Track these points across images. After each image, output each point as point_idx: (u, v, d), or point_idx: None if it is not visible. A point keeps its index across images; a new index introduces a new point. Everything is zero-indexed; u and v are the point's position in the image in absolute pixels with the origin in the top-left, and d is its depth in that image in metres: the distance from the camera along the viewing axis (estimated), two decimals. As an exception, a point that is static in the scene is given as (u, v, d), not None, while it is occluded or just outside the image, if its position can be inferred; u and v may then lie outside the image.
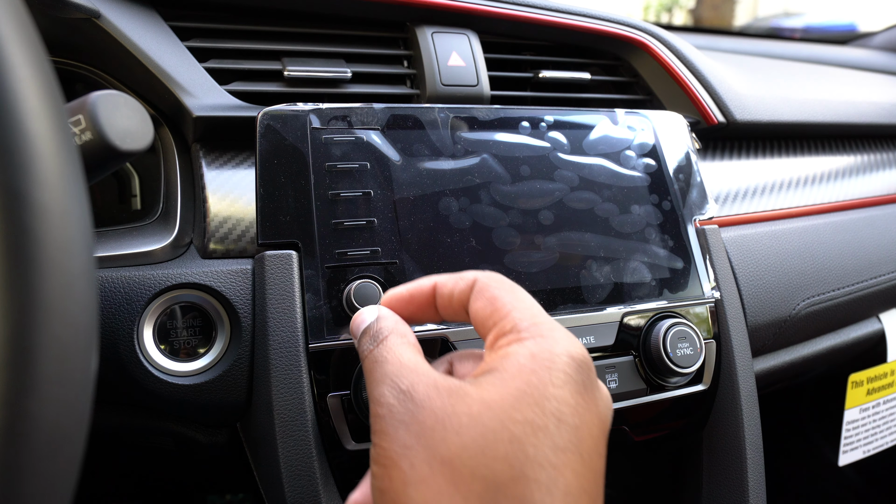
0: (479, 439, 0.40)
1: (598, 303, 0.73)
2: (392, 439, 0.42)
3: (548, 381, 0.41)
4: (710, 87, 0.96)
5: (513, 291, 0.48)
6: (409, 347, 0.48)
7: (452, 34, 0.84)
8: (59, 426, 0.30)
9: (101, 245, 0.66)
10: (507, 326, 0.45)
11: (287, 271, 0.64)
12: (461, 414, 0.41)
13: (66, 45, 0.73)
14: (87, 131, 0.44)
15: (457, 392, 0.42)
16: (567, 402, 0.41)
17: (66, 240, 0.30)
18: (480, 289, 0.48)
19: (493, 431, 0.40)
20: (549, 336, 0.44)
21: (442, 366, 0.52)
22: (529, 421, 0.40)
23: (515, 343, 0.44)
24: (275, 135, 0.67)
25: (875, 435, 1.20)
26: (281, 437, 0.61)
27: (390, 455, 0.42)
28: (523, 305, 0.46)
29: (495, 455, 0.39)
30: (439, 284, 0.51)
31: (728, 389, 0.80)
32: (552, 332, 0.44)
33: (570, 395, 0.41)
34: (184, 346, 0.65)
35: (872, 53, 1.68)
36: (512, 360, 0.43)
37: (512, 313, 0.46)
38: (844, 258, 1.00)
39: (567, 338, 0.44)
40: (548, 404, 0.40)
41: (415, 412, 0.42)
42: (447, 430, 0.41)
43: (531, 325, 0.44)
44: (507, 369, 0.42)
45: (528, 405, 0.40)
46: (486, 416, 0.40)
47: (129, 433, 0.77)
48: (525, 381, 0.41)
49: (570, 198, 0.75)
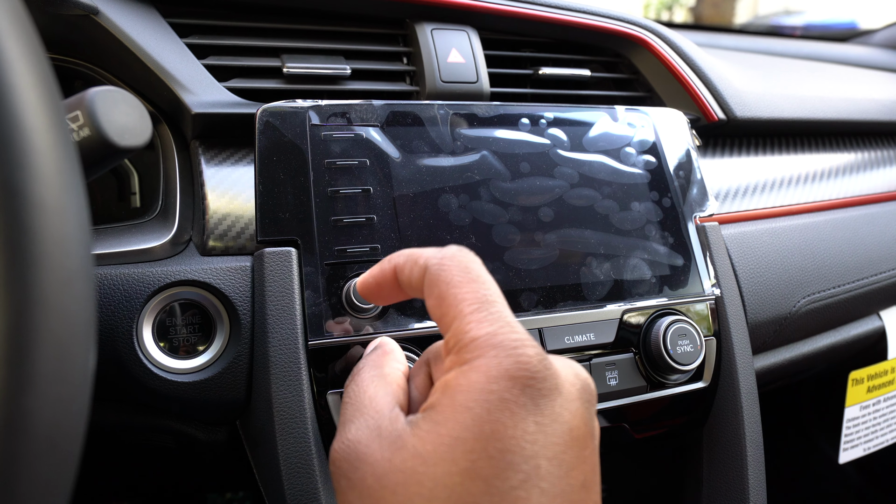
0: (415, 499, 0.38)
1: (598, 300, 0.72)
2: (340, 496, 0.41)
3: (485, 418, 0.38)
4: (711, 84, 0.96)
5: (461, 285, 0.43)
6: (375, 382, 0.46)
7: (452, 31, 0.84)
8: (57, 423, 0.30)
9: (100, 242, 0.65)
10: (452, 342, 0.42)
11: (286, 268, 0.63)
12: (398, 470, 0.39)
13: (65, 43, 0.73)
14: (84, 127, 0.44)
15: (396, 442, 0.40)
16: (512, 435, 0.37)
17: (63, 236, 0.30)
18: (430, 283, 0.44)
19: (430, 490, 0.37)
20: (488, 355, 0.40)
21: (421, 371, 0.49)
22: (468, 471, 0.37)
23: (455, 368, 0.41)
24: (274, 131, 0.66)
25: (875, 432, 1.20)
26: (280, 435, 0.61)
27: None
28: (470, 309, 0.42)
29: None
30: (398, 270, 0.48)
31: (728, 387, 0.80)
32: (493, 348, 0.40)
33: (516, 425, 0.37)
34: (183, 343, 0.65)
35: (873, 51, 1.68)
36: (448, 395, 0.40)
37: (455, 323, 0.42)
38: (845, 255, 1.00)
39: (509, 354, 0.39)
40: (490, 446, 0.37)
41: (357, 467, 0.40)
42: (385, 488, 0.39)
43: (471, 342, 0.40)
44: (443, 409, 0.40)
45: (465, 453, 0.37)
46: (421, 471, 0.38)
47: (129, 431, 0.77)
48: (460, 423, 0.38)
49: (570, 195, 0.75)
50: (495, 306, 0.42)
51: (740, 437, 0.80)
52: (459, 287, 0.43)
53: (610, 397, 0.72)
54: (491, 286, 0.44)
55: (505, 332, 0.41)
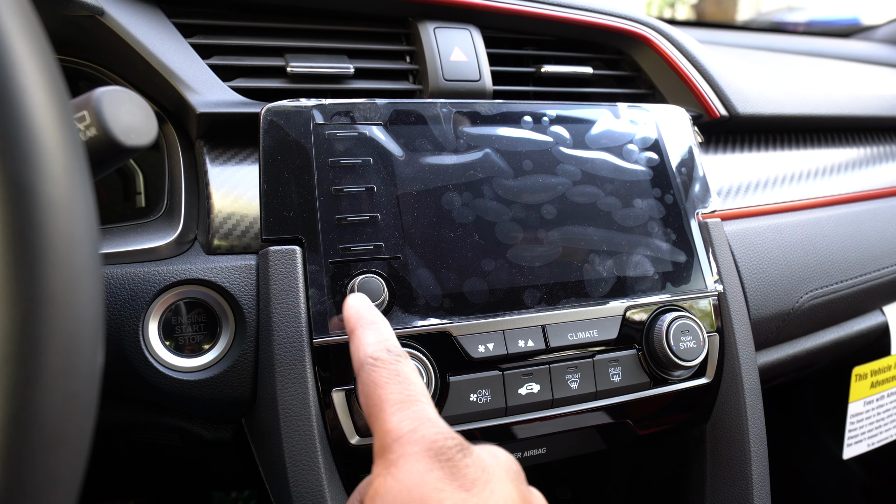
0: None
1: (600, 297, 0.73)
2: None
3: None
4: (713, 81, 0.96)
5: (386, 385, 0.45)
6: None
7: (454, 29, 0.84)
8: (66, 418, 0.30)
9: (106, 242, 0.66)
10: (377, 446, 0.43)
11: (291, 267, 0.64)
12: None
13: (71, 43, 0.74)
14: (91, 127, 0.44)
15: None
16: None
17: (71, 232, 0.30)
18: (362, 382, 0.46)
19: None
20: (410, 451, 0.40)
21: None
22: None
23: (382, 473, 0.41)
24: (278, 131, 0.67)
25: (879, 428, 1.20)
26: (286, 433, 0.62)
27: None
28: (392, 409, 0.43)
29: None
30: (350, 341, 0.52)
31: (731, 383, 0.80)
32: (414, 444, 0.40)
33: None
34: (189, 341, 0.65)
35: (875, 46, 1.67)
36: (379, 501, 0.40)
37: (378, 423, 0.43)
38: (847, 251, 1.00)
39: (429, 447, 0.40)
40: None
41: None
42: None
43: (393, 441, 0.41)
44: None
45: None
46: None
47: (135, 429, 0.77)
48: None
49: (572, 192, 0.75)
50: (418, 405, 0.44)
51: (744, 433, 0.80)
52: (385, 388, 0.45)
53: (613, 394, 0.72)
54: (416, 387, 0.45)
55: (426, 427, 0.42)
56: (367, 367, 0.47)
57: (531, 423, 0.69)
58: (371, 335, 0.50)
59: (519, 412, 0.68)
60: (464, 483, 0.39)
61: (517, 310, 0.69)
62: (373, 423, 0.44)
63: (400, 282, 0.65)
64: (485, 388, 0.66)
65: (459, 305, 0.67)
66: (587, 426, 0.73)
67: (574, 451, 0.79)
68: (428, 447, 0.40)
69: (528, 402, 0.68)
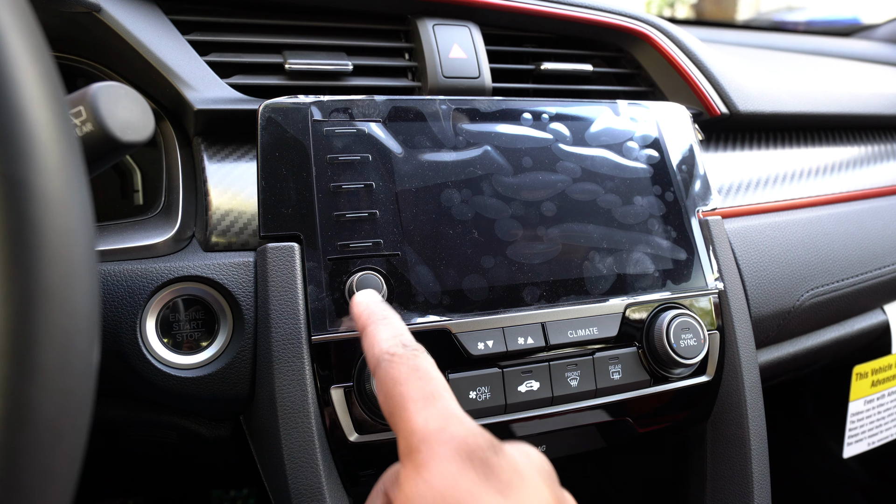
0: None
1: (601, 294, 0.72)
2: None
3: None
4: (713, 78, 0.95)
5: (407, 382, 0.43)
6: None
7: (454, 26, 0.84)
8: (61, 415, 0.30)
9: (103, 239, 0.66)
10: (402, 446, 0.41)
11: (289, 264, 0.64)
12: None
13: (67, 40, 0.73)
14: (87, 123, 0.44)
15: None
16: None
17: (66, 228, 0.30)
18: (379, 379, 0.45)
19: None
20: (440, 452, 0.38)
21: (378, 500, 0.47)
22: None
23: (412, 475, 0.39)
24: (276, 127, 0.67)
25: (880, 427, 1.20)
26: (284, 430, 0.61)
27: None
28: (416, 406, 0.41)
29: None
30: (361, 338, 0.50)
31: (732, 381, 0.80)
32: (443, 444, 0.38)
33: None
34: (186, 339, 0.65)
35: (875, 45, 1.67)
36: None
37: (402, 423, 0.41)
38: (848, 249, 0.99)
39: (460, 445, 0.38)
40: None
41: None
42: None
43: (420, 441, 0.39)
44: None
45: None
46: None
47: (133, 427, 0.77)
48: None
49: (572, 189, 0.75)
50: (442, 400, 0.42)
51: (744, 431, 0.80)
52: (406, 384, 0.43)
53: (613, 392, 0.72)
54: (438, 382, 0.43)
55: (454, 425, 0.40)
56: (385, 364, 0.44)
57: (531, 420, 0.69)
58: (385, 331, 0.48)
59: (518, 410, 0.68)
60: (499, 486, 0.37)
61: (517, 307, 0.69)
62: (395, 423, 0.42)
63: (399, 279, 0.65)
64: (484, 385, 0.66)
65: (459, 303, 0.67)
66: (587, 424, 0.73)
67: (574, 449, 0.79)
68: (458, 447, 0.38)
69: (528, 400, 0.68)
